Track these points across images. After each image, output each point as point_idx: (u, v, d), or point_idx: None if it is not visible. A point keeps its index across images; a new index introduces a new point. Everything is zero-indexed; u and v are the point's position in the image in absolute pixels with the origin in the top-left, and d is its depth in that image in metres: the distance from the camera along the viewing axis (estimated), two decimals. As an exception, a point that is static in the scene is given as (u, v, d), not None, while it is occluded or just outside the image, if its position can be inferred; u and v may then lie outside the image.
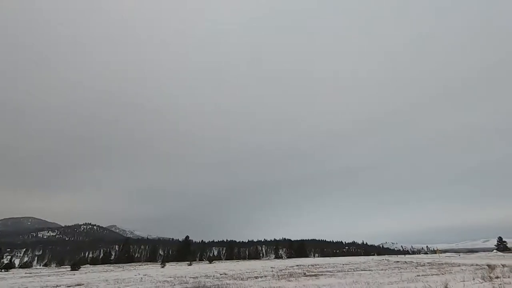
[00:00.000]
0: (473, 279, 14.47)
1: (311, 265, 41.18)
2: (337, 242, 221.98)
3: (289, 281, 18.20)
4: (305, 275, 22.82)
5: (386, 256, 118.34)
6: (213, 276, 25.31)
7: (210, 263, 72.90)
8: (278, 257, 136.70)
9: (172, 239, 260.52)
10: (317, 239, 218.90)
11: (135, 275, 29.79)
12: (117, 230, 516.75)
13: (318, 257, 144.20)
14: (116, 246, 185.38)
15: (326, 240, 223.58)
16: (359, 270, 26.31)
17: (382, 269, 26.89)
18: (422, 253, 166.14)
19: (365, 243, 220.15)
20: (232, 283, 17.82)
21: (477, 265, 27.39)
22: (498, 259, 45.08)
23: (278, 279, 19.63)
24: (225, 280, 20.77)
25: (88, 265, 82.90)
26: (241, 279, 21.14)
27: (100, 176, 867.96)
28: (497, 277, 14.54)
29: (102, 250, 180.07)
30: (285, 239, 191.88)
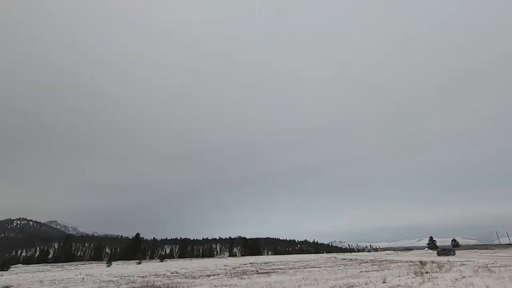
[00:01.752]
0: (407, 274, 16.03)
1: (264, 262, 41.96)
2: (290, 241, 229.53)
3: (242, 278, 18.30)
4: (257, 272, 23.14)
5: (334, 254, 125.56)
6: (164, 275, 24.43)
7: (162, 261, 70.33)
8: (232, 255, 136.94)
9: (121, 236, 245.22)
10: (271, 237, 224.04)
11: (76, 275, 27.48)
12: (57, 226, 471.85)
13: (271, 255, 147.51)
14: (56, 244, 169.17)
15: (280, 238, 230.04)
16: (309, 267, 27.49)
17: (329, 266, 28.43)
18: (366, 251, 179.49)
19: (316, 241, 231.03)
20: (183, 282, 17.37)
21: (411, 261, 30.44)
22: (428, 256, 50.67)
23: (231, 277, 19.63)
24: (176, 278, 20.17)
25: (20, 264, 74.39)
26: (193, 277, 20.72)
27: (40, 166, 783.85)
28: (426, 272, 16.29)
29: (38, 248, 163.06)
30: (240, 237, 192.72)
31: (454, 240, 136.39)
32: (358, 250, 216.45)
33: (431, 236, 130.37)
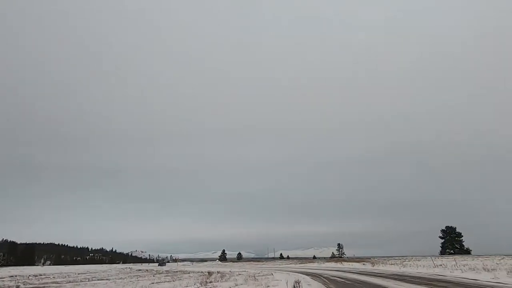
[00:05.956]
0: (194, 284, 17.45)
1: (35, 275, 33.59)
2: (81, 248, 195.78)
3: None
4: (18, 288, 18.00)
5: (131, 264, 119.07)
6: None
7: None
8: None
9: None
10: (57, 243, 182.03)
11: None
12: None
13: (51, 265, 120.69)
14: None
15: (69, 245, 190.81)
16: (95, 280, 24.40)
17: (120, 278, 26.46)
18: (166, 262, 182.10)
19: (114, 250, 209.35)
20: None
21: (202, 272, 33.53)
22: (218, 267, 57.90)
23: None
24: None
25: None
26: None
27: None
28: (210, 282, 18.37)
29: None
30: (6, 240, 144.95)
31: (239, 253, 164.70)
32: (158, 261, 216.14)
33: (223, 249, 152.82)
